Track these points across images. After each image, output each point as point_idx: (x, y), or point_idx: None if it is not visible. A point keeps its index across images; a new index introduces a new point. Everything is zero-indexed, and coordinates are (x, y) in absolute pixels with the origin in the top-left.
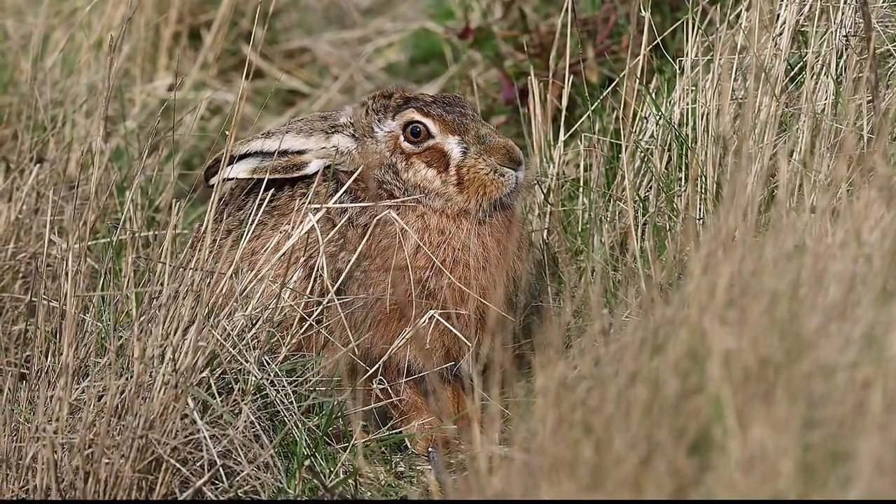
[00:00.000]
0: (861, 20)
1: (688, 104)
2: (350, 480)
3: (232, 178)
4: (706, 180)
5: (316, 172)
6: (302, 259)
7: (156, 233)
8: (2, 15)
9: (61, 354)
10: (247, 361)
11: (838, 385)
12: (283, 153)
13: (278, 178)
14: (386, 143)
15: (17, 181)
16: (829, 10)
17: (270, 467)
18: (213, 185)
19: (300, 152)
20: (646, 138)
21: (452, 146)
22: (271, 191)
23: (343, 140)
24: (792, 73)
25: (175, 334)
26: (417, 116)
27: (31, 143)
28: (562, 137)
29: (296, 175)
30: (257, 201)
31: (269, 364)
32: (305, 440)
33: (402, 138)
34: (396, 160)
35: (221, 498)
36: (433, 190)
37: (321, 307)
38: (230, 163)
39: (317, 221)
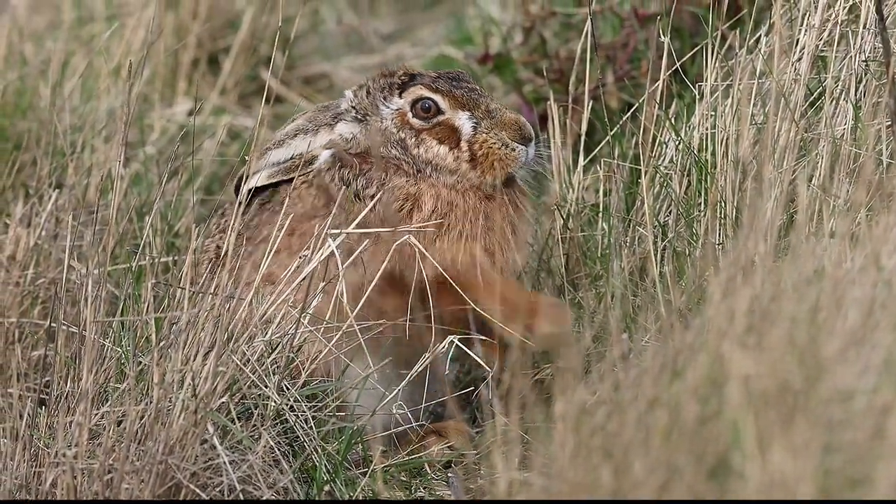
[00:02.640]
0: (880, 45)
1: (707, 129)
2: None
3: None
4: (725, 205)
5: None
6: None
7: (175, 258)
8: (21, 40)
9: (81, 380)
10: (266, 386)
11: (857, 410)
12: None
13: (295, 175)
14: (392, 120)
15: (37, 206)
16: (848, 36)
17: (290, 492)
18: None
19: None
20: (665, 163)
21: (463, 121)
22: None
23: (347, 126)
24: (811, 98)
25: (195, 359)
26: (427, 93)
27: (50, 169)
28: (581, 162)
29: (310, 169)
30: (279, 220)
31: (288, 389)
32: (325, 465)
33: (410, 115)
34: (405, 136)
35: None
36: (445, 166)
37: (341, 331)
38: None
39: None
